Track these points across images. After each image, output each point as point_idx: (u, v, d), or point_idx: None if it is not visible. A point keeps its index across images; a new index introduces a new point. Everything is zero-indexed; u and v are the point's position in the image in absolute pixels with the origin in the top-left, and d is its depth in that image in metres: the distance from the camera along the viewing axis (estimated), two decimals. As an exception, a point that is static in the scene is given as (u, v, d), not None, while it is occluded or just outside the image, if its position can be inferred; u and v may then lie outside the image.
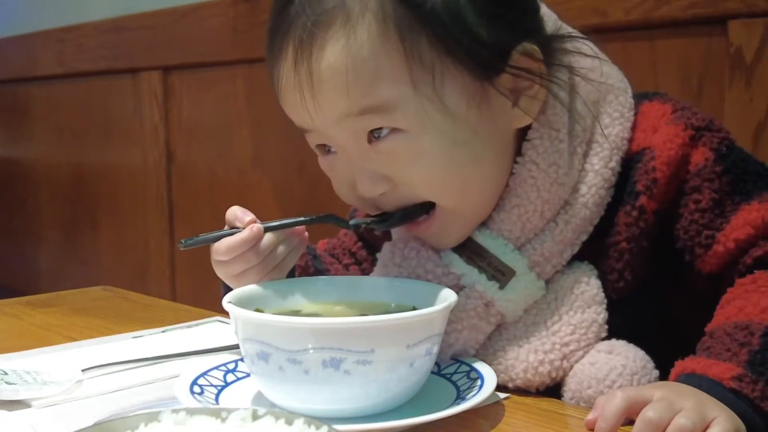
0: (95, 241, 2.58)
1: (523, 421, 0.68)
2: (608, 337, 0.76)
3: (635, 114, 0.79)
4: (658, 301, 0.78)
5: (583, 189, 0.76)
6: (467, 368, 0.74)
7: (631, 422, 0.62)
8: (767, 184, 0.75)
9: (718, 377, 0.63)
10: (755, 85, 1.14)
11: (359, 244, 0.96)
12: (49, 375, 0.79)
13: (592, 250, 0.78)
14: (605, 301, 0.76)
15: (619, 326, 0.76)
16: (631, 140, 0.78)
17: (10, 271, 2.98)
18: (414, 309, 0.71)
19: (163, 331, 0.98)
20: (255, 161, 1.99)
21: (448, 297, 0.70)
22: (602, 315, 0.76)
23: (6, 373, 0.78)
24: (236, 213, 0.78)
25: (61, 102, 2.67)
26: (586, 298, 0.76)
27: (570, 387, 0.74)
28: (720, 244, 0.74)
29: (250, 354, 0.66)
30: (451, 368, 0.75)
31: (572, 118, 0.76)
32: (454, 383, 0.72)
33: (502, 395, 0.72)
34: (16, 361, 0.85)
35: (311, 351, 0.62)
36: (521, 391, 0.75)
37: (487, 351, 0.77)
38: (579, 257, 0.78)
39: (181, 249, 0.76)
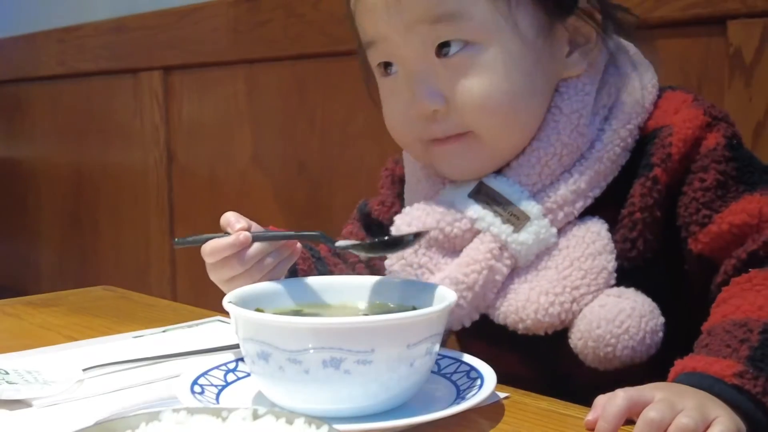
0: (96, 240, 2.58)
1: (523, 420, 0.68)
2: None
3: (659, 97, 0.83)
4: (667, 276, 0.80)
5: (599, 145, 0.80)
6: (467, 368, 0.74)
7: (630, 422, 0.62)
8: None
9: (719, 374, 0.64)
10: (754, 85, 1.14)
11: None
12: (50, 374, 0.79)
13: (608, 222, 0.80)
14: (615, 251, 0.78)
15: None
16: (650, 117, 0.81)
17: (10, 271, 2.98)
18: (414, 309, 0.72)
19: (164, 331, 0.98)
20: (255, 161, 1.99)
21: (448, 297, 0.70)
22: (612, 264, 0.78)
23: (7, 373, 0.79)
24: (229, 219, 0.80)
25: (61, 102, 2.67)
26: (597, 247, 0.78)
27: (579, 328, 0.76)
28: (715, 224, 0.76)
29: (251, 354, 0.67)
30: (451, 368, 0.75)
31: (606, 77, 0.82)
32: (454, 383, 0.72)
33: (502, 395, 0.72)
34: (17, 361, 0.85)
35: (311, 351, 0.62)
36: (522, 382, 0.75)
37: (498, 294, 0.79)
38: None
39: (175, 247, 0.78)
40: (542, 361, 0.85)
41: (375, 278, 0.81)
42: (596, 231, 0.79)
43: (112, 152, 2.47)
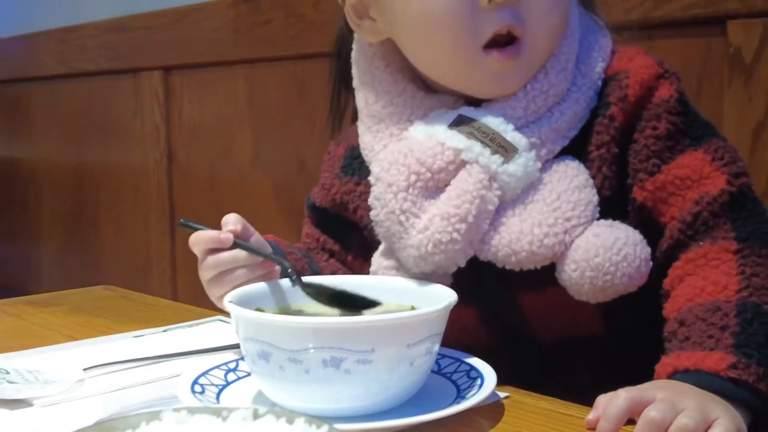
0: (96, 240, 2.58)
1: (523, 420, 0.68)
2: None
3: (612, 51, 0.85)
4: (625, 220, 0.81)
5: (574, 89, 0.81)
6: (467, 367, 0.74)
7: (631, 422, 0.62)
8: (714, 133, 0.80)
9: (714, 369, 0.64)
10: (754, 85, 1.14)
11: (323, 238, 0.95)
12: (50, 374, 0.79)
13: None
14: (595, 186, 0.79)
15: None
16: (608, 66, 0.83)
17: (11, 270, 2.98)
18: (414, 309, 0.72)
19: (164, 331, 0.99)
20: (255, 161, 2.00)
21: (448, 297, 0.70)
22: (596, 197, 0.78)
23: (8, 372, 0.79)
24: (228, 219, 0.79)
25: (62, 102, 2.67)
26: (581, 180, 0.78)
27: (574, 258, 0.76)
28: (662, 173, 0.78)
29: (251, 353, 0.67)
30: (451, 367, 0.75)
31: (582, 24, 0.84)
32: (454, 382, 0.73)
33: (502, 394, 0.72)
34: (18, 360, 0.85)
35: (312, 350, 0.63)
36: (481, 352, 0.75)
37: (489, 226, 0.78)
38: None
39: (180, 225, 0.79)
40: (501, 317, 0.85)
41: (374, 278, 0.81)
42: (575, 167, 0.79)
43: (112, 152, 2.48)
